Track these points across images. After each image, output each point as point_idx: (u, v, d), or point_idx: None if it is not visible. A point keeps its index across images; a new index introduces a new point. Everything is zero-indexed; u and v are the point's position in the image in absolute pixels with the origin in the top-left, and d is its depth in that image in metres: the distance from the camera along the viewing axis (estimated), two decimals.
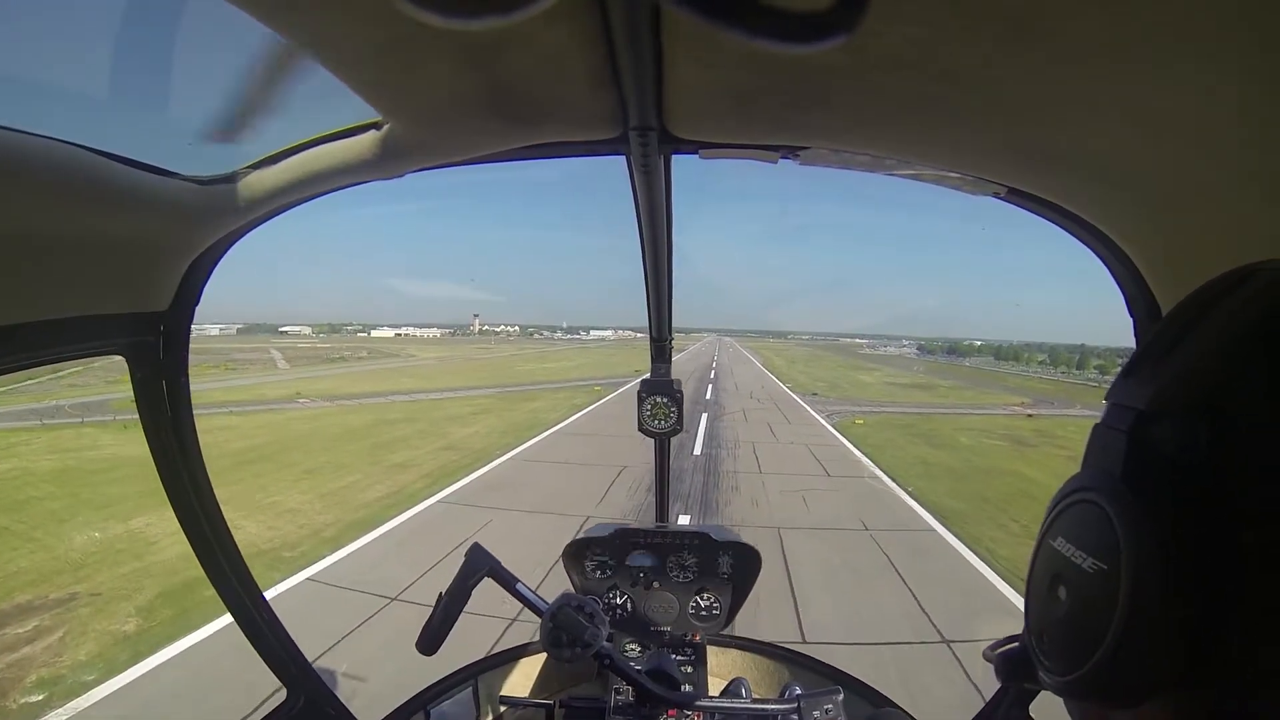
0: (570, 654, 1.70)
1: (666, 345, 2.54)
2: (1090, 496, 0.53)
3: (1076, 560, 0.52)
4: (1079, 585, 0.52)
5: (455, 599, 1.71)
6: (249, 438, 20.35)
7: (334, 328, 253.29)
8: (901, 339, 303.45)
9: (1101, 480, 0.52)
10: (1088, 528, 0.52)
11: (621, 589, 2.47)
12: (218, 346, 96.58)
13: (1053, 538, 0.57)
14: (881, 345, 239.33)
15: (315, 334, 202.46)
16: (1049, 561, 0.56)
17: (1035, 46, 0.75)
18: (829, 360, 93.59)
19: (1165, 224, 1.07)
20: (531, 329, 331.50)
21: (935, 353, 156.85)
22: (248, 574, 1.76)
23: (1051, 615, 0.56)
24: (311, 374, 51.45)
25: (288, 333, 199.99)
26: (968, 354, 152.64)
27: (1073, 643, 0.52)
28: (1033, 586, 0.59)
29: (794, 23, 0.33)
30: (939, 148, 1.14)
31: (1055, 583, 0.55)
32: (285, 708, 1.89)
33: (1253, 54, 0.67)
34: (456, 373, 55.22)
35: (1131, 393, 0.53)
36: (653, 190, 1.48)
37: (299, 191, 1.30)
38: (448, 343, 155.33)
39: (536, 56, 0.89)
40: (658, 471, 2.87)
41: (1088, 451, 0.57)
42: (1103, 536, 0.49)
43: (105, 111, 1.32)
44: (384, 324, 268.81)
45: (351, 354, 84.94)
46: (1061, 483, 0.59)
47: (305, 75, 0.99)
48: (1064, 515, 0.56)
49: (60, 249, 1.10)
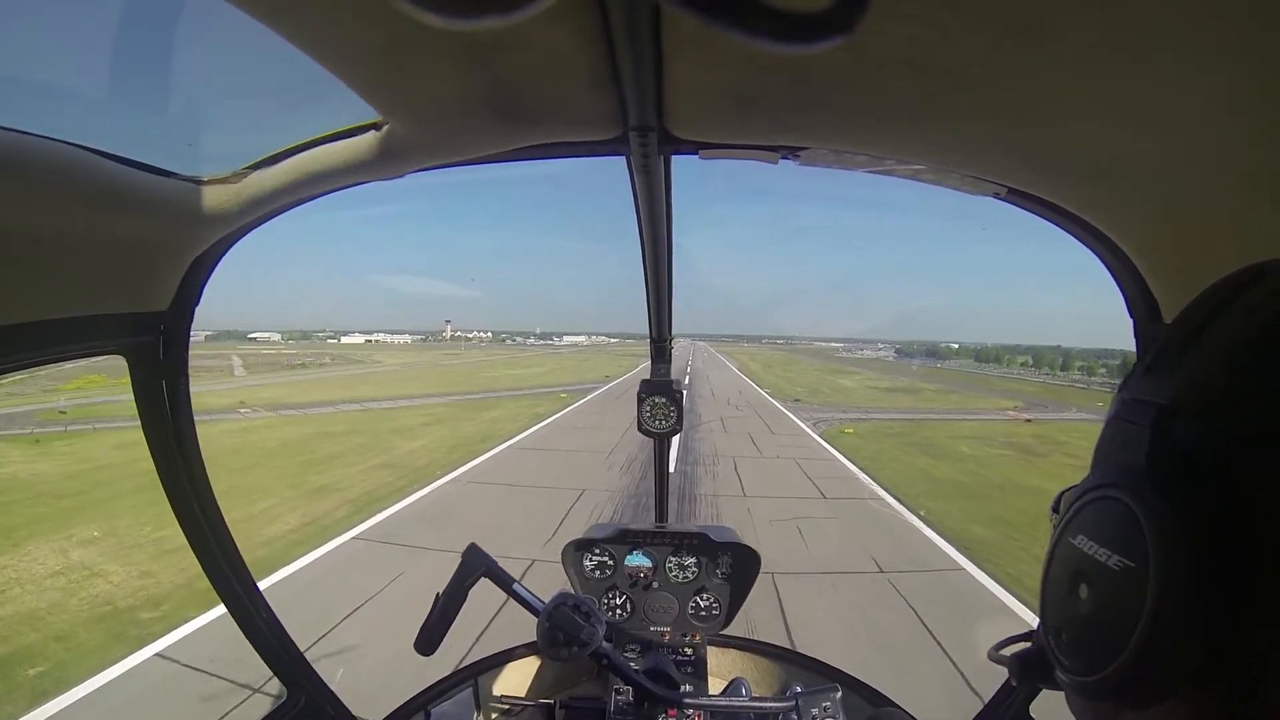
0: (567, 653, 1.70)
1: (666, 346, 2.54)
2: (1113, 493, 0.52)
3: (1100, 558, 0.51)
4: (1103, 583, 0.51)
5: (452, 600, 1.72)
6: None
7: (305, 334, 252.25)
8: (877, 343, 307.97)
9: (1124, 476, 0.51)
10: (1112, 525, 0.51)
11: (621, 589, 2.48)
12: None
13: (1072, 535, 0.56)
14: (857, 349, 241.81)
15: (285, 340, 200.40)
16: (1069, 559, 0.55)
17: (1035, 46, 0.75)
18: (805, 365, 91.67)
19: (1165, 224, 1.09)
20: (504, 335, 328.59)
21: (914, 355, 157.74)
22: (247, 574, 1.76)
23: (1072, 614, 0.55)
24: (266, 381, 48.83)
25: (257, 339, 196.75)
26: (946, 356, 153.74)
27: (1096, 642, 0.51)
28: (1050, 585, 0.58)
29: (794, 23, 0.33)
30: (939, 148, 1.14)
31: (1076, 580, 0.54)
32: (285, 708, 1.90)
33: (1253, 54, 0.68)
34: (418, 379, 52.97)
35: (1153, 388, 0.52)
36: (652, 190, 1.47)
37: (299, 192, 1.30)
38: (417, 349, 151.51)
39: (536, 56, 0.90)
40: (657, 472, 2.86)
41: (1101, 448, 0.56)
42: (1129, 533, 0.49)
43: (105, 111, 1.34)
44: (355, 331, 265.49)
45: (314, 360, 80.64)
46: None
47: (305, 75, 0.96)
48: (1085, 512, 0.55)
49: (60, 249, 1.10)
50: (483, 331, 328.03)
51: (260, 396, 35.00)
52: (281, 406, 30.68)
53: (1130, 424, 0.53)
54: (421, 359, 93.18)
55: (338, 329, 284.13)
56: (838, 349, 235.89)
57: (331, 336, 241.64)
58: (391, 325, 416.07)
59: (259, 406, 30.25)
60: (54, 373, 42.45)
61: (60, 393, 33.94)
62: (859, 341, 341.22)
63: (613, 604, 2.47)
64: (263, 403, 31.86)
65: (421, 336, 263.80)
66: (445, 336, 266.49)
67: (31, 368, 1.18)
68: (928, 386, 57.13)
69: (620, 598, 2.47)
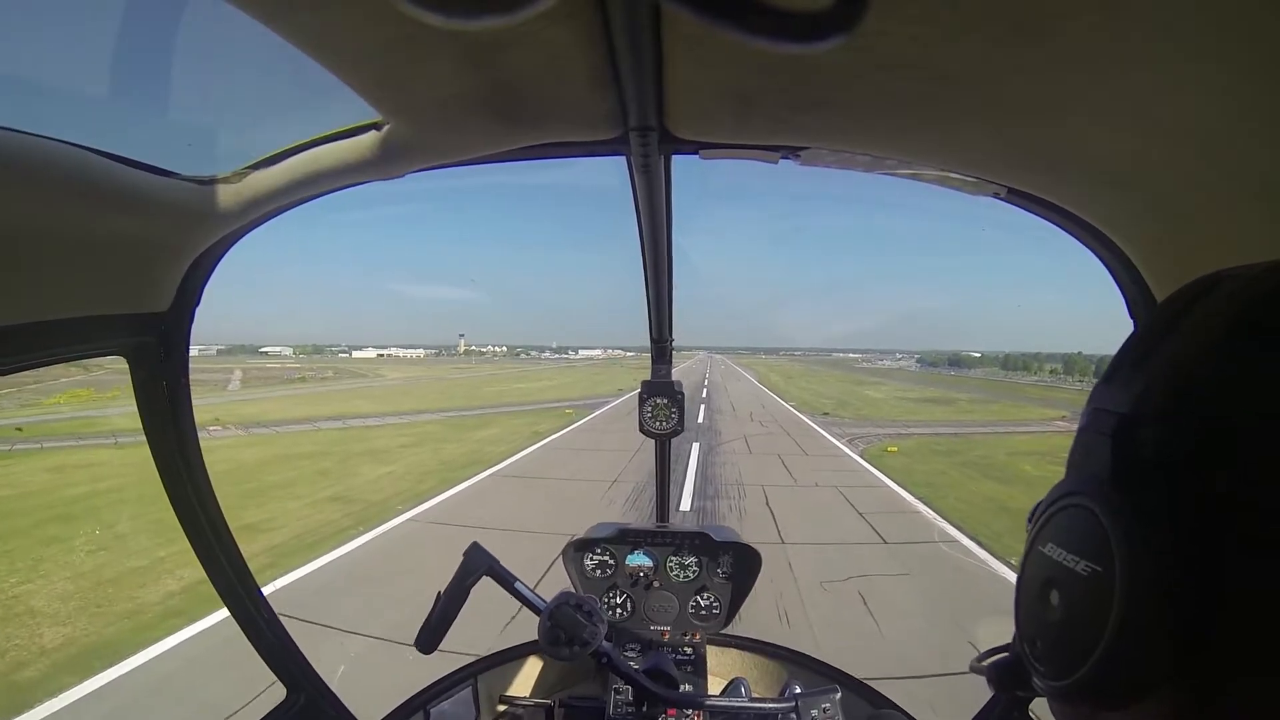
0: (569, 653, 1.69)
1: (667, 346, 2.53)
2: (1079, 500, 0.53)
3: (1069, 564, 0.52)
4: (1072, 589, 0.52)
5: (453, 598, 1.71)
6: (96, 480, 15.25)
7: (318, 349, 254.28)
8: (894, 352, 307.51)
9: (1088, 484, 0.53)
10: (1078, 531, 0.52)
11: (621, 589, 2.49)
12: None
13: (1042, 544, 0.57)
14: (876, 359, 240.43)
15: (296, 355, 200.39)
16: (1039, 567, 0.57)
17: (1036, 46, 0.75)
18: (826, 375, 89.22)
19: (1165, 224, 1.08)
20: (519, 350, 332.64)
21: (938, 364, 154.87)
22: (248, 574, 1.76)
23: (1044, 621, 0.56)
24: (256, 396, 46.91)
25: (268, 353, 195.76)
26: (971, 365, 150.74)
27: (1068, 647, 0.52)
28: (1023, 594, 0.59)
29: (794, 23, 0.33)
30: (939, 148, 1.13)
31: (1047, 588, 0.55)
32: (285, 707, 1.89)
33: (1253, 54, 0.68)
34: (417, 394, 50.94)
35: (1112, 397, 0.54)
36: (653, 191, 1.48)
37: (299, 192, 1.30)
38: (428, 363, 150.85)
39: (537, 56, 0.90)
40: (658, 472, 2.84)
41: (1072, 457, 0.58)
42: (1094, 539, 0.50)
43: (105, 111, 1.35)
44: (369, 345, 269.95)
45: (315, 375, 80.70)
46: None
47: (305, 75, 0.96)
48: (1053, 520, 0.57)
49: (60, 249, 1.10)
50: (497, 346, 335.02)
51: (241, 413, 33.02)
52: (257, 424, 28.61)
53: (1093, 434, 0.54)
54: (428, 373, 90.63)
55: (353, 343, 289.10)
56: (856, 359, 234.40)
57: (344, 351, 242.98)
58: (407, 340, 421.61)
59: (233, 424, 28.23)
60: (47, 383, 41.14)
61: (37, 408, 32.47)
62: (877, 351, 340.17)
63: (613, 603, 2.48)
64: (240, 419, 29.87)
65: (435, 351, 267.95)
66: (459, 351, 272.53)
67: (32, 368, 1.18)
68: (960, 396, 54.37)
69: (621, 597, 2.48)
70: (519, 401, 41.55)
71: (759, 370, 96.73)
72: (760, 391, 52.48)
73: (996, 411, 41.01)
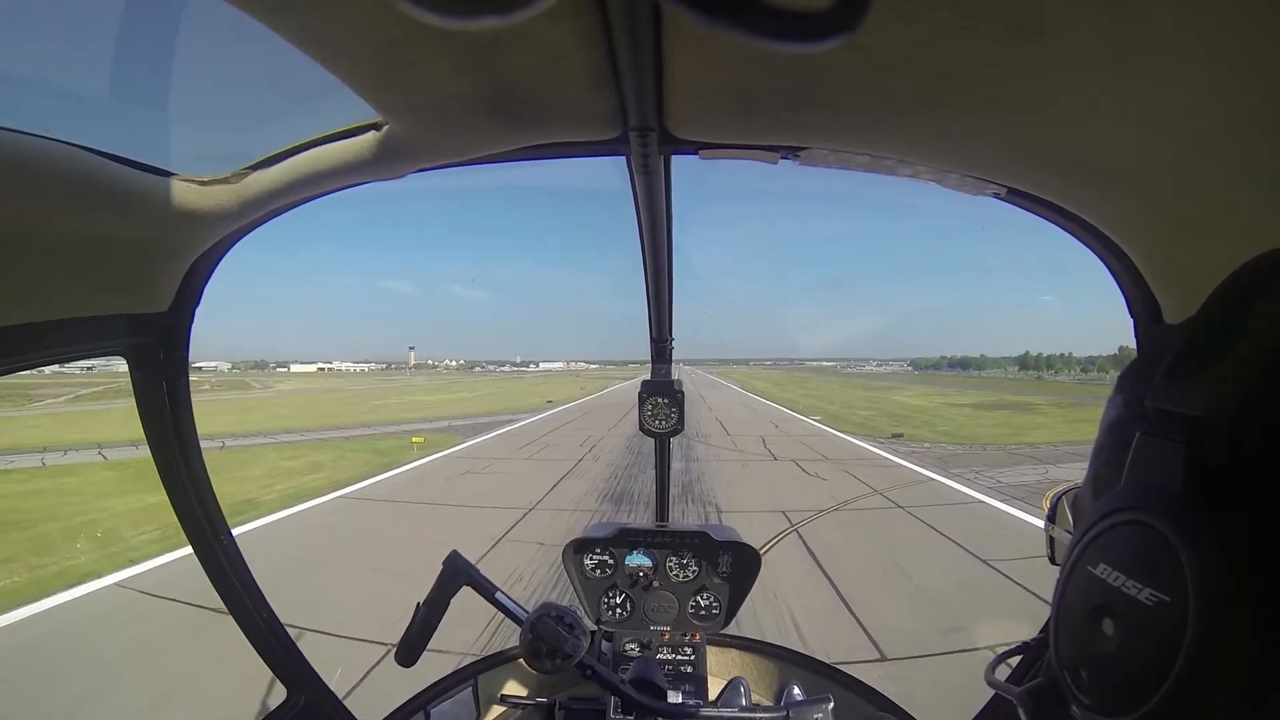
0: (551, 665, 1.68)
1: (667, 346, 2.58)
2: (1140, 518, 0.46)
3: (1129, 591, 0.46)
4: (1133, 619, 0.46)
5: (433, 609, 1.70)
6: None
7: (260, 364, 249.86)
8: (870, 359, 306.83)
9: (1155, 499, 0.46)
10: (1141, 555, 0.46)
11: (621, 588, 2.50)
12: (66, 380, 68.79)
13: (1092, 564, 0.50)
14: (857, 365, 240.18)
15: (230, 370, 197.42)
16: (1088, 591, 0.50)
17: (1035, 46, 0.75)
18: (818, 382, 76.03)
19: (1165, 224, 1.07)
20: (475, 363, 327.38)
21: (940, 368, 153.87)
22: (248, 574, 1.77)
23: (1095, 650, 0.49)
24: (58, 411, 38.12)
25: (202, 368, 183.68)
26: (981, 366, 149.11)
27: (1127, 681, 0.46)
28: (1065, 617, 0.54)
29: (794, 22, 0.33)
30: (939, 147, 1.14)
31: (1098, 615, 0.49)
32: (285, 707, 1.91)
33: (1253, 54, 0.68)
34: (281, 409, 43.44)
35: (1182, 397, 0.47)
36: (653, 191, 1.49)
37: (299, 192, 1.31)
38: (364, 377, 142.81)
39: (536, 56, 0.90)
40: (658, 471, 2.87)
41: (1105, 456, 0.53)
42: (1163, 566, 0.44)
43: (105, 111, 1.36)
44: (319, 360, 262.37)
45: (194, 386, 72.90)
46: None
47: (305, 75, 0.98)
48: (1106, 538, 0.50)
49: (60, 249, 1.11)
50: (452, 360, 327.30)
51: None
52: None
53: (1158, 438, 0.47)
54: (336, 385, 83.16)
55: (307, 358, 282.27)
56: (833, 366, 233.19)
57: (280, 365, 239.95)
58: (360, 355, 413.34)
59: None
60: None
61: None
62: (854, 359, 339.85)
63: (612, 603, 2.49)
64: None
65: (385, 365, 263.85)
66: (409, 365, 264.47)
67: (32, 368, 1.18)
68: (1035, 398, 43.20)
69: (620, 596, 2.49)
70: (403, 420, 33.19)
71: (740, 378, 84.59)
72: (767, 407, 39.81)
73: (1084, 418, 30.64)
